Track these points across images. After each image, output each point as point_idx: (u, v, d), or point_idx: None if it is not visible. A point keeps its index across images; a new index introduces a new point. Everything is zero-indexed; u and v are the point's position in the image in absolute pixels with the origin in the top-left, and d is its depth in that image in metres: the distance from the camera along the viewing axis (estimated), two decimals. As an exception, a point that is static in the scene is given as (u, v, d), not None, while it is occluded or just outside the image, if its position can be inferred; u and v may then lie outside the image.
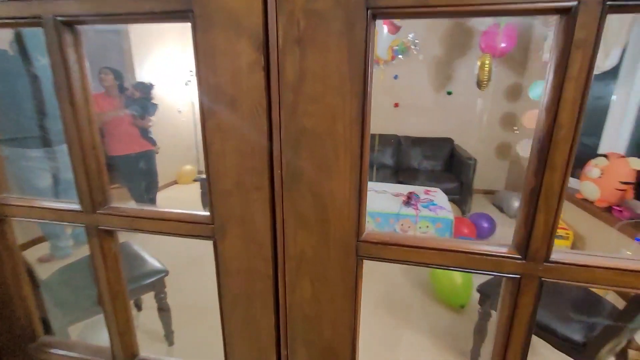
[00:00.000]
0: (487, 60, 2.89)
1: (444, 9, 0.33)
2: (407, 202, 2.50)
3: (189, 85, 4.06)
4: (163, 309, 1.60)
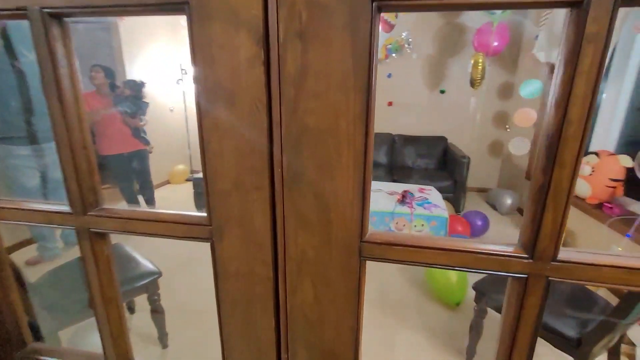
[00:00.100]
0: (481, 59, 2.90)
1: (450, 2, 0.31)
2: (402, 201, 2.50)
3: (180, 83, 4.01)
4: (156, 311, 1.57)
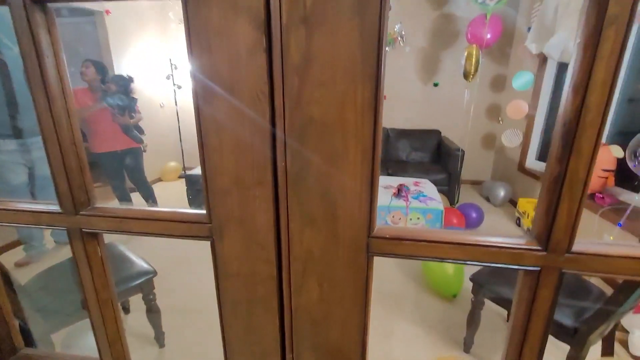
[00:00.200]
0: (474, 51, 2.90)
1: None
2: (398, 194, 2.50)
3: (170, 78, 3.92)
4: (152, 310, 1.55)
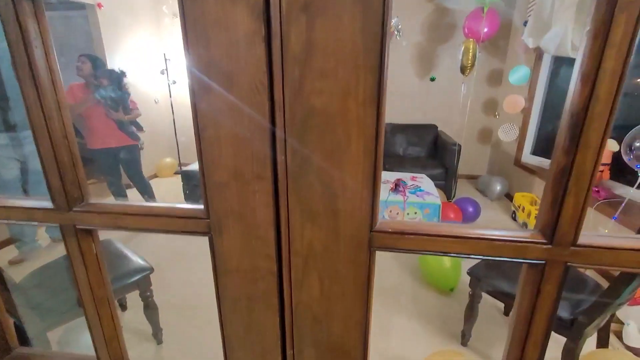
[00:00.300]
0: (471, 45, 2.89)
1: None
2: (395, 189, 2.50)
3: (164, 73, 3.87)
4: (150, 307, 1.54)
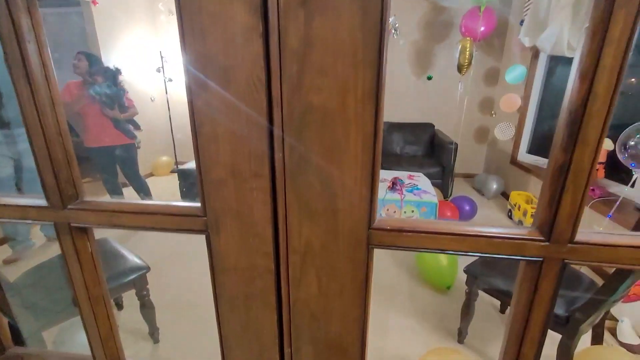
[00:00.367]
0: (468, 44, 2.89)
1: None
2: (392, 187, 2.51)
3: (161, 71, 3.84)
4: (146, 306, 1.53)
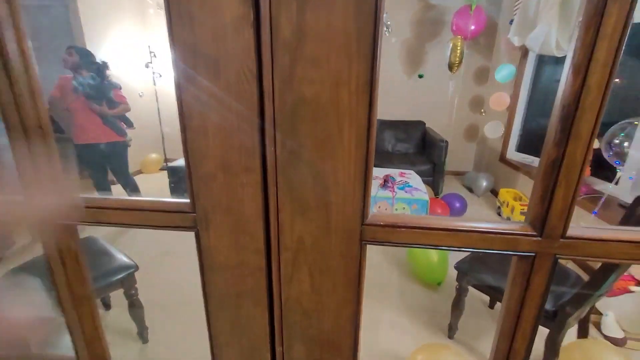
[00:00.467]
0: (459, 43, 2.91)
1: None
2: (384, 185, 2.52)
3: (149, 67, 3.77)
4: (134, 305, 1.50)
